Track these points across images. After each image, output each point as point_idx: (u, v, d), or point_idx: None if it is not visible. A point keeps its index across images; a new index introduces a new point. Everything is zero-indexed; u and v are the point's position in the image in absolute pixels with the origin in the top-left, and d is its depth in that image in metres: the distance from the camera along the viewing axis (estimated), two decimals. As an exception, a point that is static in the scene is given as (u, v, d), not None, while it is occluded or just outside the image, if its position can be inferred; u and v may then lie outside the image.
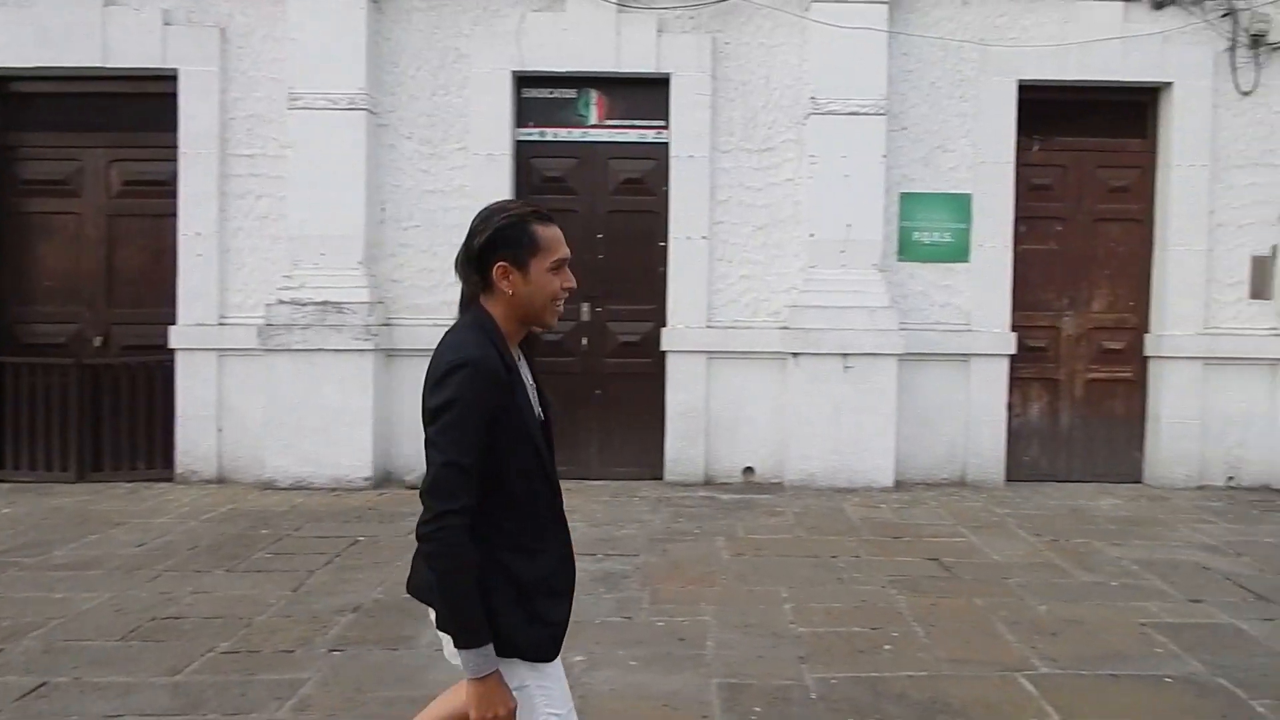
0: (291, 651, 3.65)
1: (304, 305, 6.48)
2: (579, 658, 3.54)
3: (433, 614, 1.82)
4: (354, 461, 6.53)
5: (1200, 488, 6.88)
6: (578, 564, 1.99)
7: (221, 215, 6.71)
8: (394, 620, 3.94)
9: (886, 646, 3.75)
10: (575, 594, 1.96)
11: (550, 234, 1.82)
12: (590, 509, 6.05)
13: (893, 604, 4.26)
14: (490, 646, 1.72)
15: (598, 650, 3.66)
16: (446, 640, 1.80)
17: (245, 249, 6.77)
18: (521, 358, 1.89)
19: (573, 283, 1.86)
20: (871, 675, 3.46)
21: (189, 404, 6.77)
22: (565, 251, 1.83)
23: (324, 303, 6.49)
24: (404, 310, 6.77)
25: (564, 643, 1.88)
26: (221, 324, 6.75)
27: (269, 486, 6.51)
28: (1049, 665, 3.56)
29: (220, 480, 6.78)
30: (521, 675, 1.78)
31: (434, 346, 6.14)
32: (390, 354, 6.71)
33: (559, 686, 1.84)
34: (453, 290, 6.50)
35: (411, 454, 6.76)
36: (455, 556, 1.69)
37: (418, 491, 1.80)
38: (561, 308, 1.86)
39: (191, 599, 4.23)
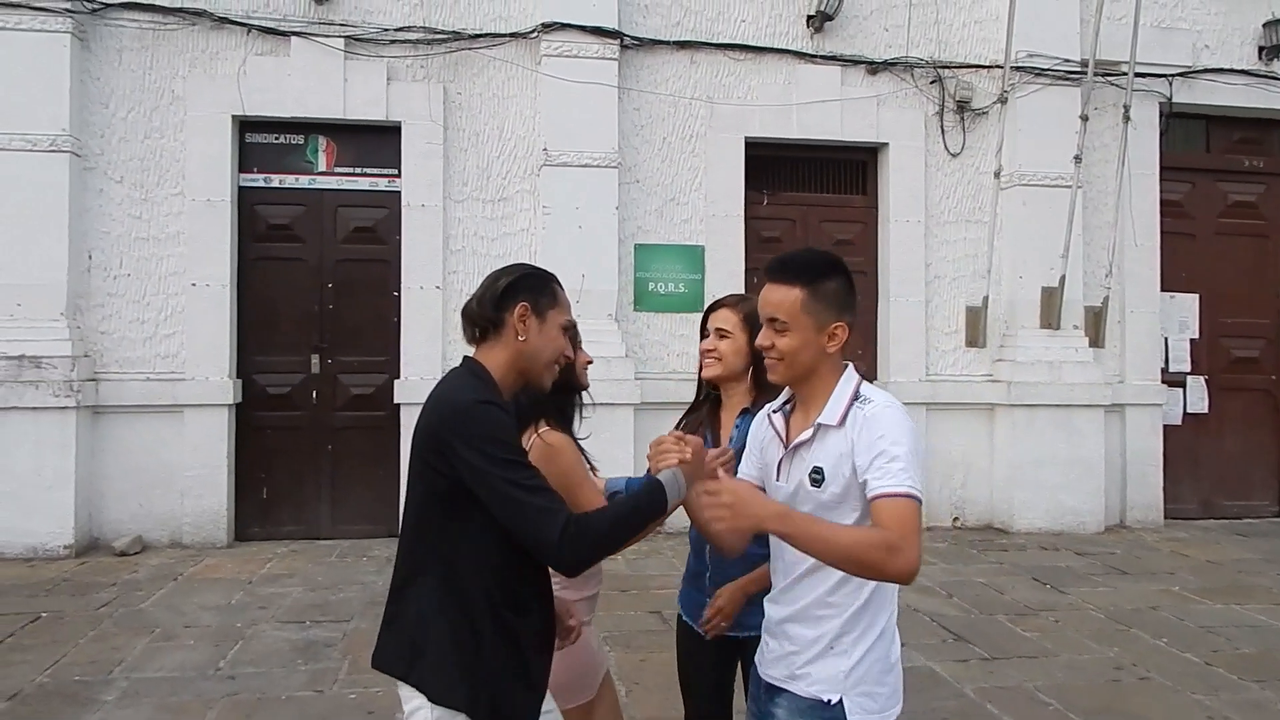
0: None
1: (-4, 360, 6.49)
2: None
3: (401, 689, 1.95)
4: (53, 528, 6.54)
5: (928, 529, 7.74)
6: (282, 634, 2.19)
7: (-97, 262, 6.64)
8: (54, 708, 3.96)
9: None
10: (275, 668, 2.12)
11: (566, 298, 2.08)
12: (311, 571, 6.30)
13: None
14: (671, 484, 1.90)
15: (275, 729, 3.84)
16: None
17: (-69, 299, 6.71)
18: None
19: (571, 353, 2.12)
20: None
21: None
22: (574, 318, 2.10)
23: (20, 357, 6.51)
24: (113, 364, 6.86)
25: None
26: (-98, 380, 6.65)
27: (-44, 558, 6.43)
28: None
29: (-98, 552, 6.63)
30: None
31: (147, 401, 6.25)
32: (97, 411, 6.78)
33: None
34: (169, 342, 6.70)
35: (122, 518, 6.84)
36: (606, 531, 1.83)
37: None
38: (557, 373, 2.09)
39: None
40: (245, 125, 7.12)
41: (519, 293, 1.98)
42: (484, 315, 1.98)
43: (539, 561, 1.90)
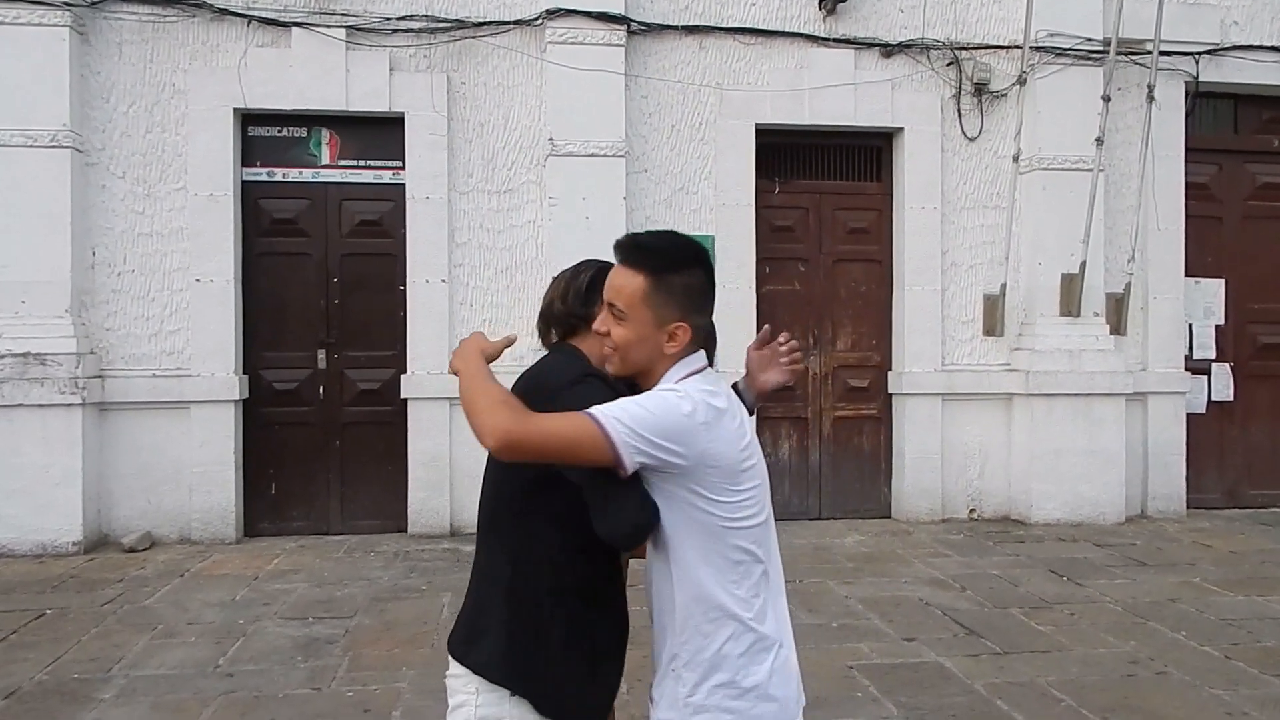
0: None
1: (1, 357, 6.57)
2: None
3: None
4: (62, 525, 6.63)
5: (944, 520, 7.72)
6: (284, 631, 2.16)
7: (-91, 261, 6.74)
8: (50, 706, 4.01)
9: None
10: (274, 666, 2.08)
11: None
12: (319, 567, 6.36)
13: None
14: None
15: (271, 728, 3.90)
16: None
17: (-63, 297, 6.80)
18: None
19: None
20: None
21: (-126, 467, 6.72)
22: None
23: (25, 354, 6.59)
24: (119, 361, 6.93)
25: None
26: (-90, 379, 6.75)
27: (-34, 555, 6.54)
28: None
29: (-86, 550, 6.75)
30: None
31: (153, 397, 6.24)
32: (104, 407, 6.85)
33: None
34: (174, 338, 6.75)
35: (131, 514, 6.92)
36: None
37: None
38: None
39: None
40: (247, 118, 7.15)
41: (599, 289, 1.91)
42: (571, 313, 1.96)
43: (615, 551, 1.88)
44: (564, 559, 1.85)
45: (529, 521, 1.87)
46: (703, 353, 1.83)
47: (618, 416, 1.65)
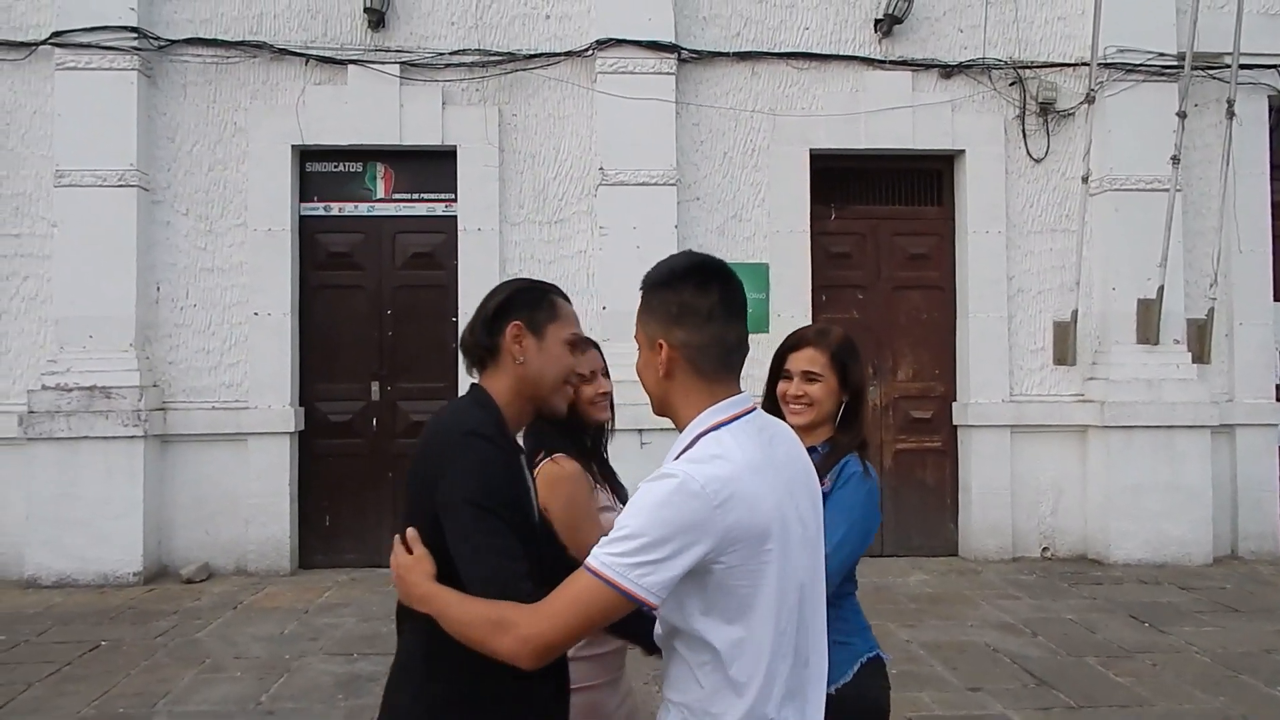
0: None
1: (69, 390, 6.76)
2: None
3: None
4: (122, 556, 6.76)
5: (1014, 559, 7.37)
6: (327, 668, 2.05)
7: (-15, 297, 7.01)
8: None
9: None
10: (315, 704, 1.99)
11: (569, 308, 1.89)
12: (367, 601, 6.36)
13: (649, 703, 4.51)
14: None
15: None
16: None
17: (11, 332, 7.05)
18: (521, 450, 1.90)
19: (587, 370, 1.98)
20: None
21: (-49, 497, 6.97)
22: (581, 331, 1.91)
23: (91, 387, 6.77)
24: (180, 393, 7.08)
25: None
26: (-16, 411, 6.99)
27: (31, 585, 6.69)
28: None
29: (-18, 579, 6.95)
30: None
31: (212, 430, 6.39)
32: (165, 439, 7.00)
33: None
34: (233, 371, 6.90)
35: (189, 545, 7.03)
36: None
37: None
38: (572, 393, 1.91)
39: None
40: (305, 154, 7.30)
41: (511, 311, 1.81)
42: (477, 343, 1.82)
43: None
44: None
45: (453, 572, 1.73)
46: (743, 398, 1.64)
47: (612, 553, 1.48)
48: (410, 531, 1.74)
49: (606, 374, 2.35)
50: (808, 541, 1.63)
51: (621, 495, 2.35)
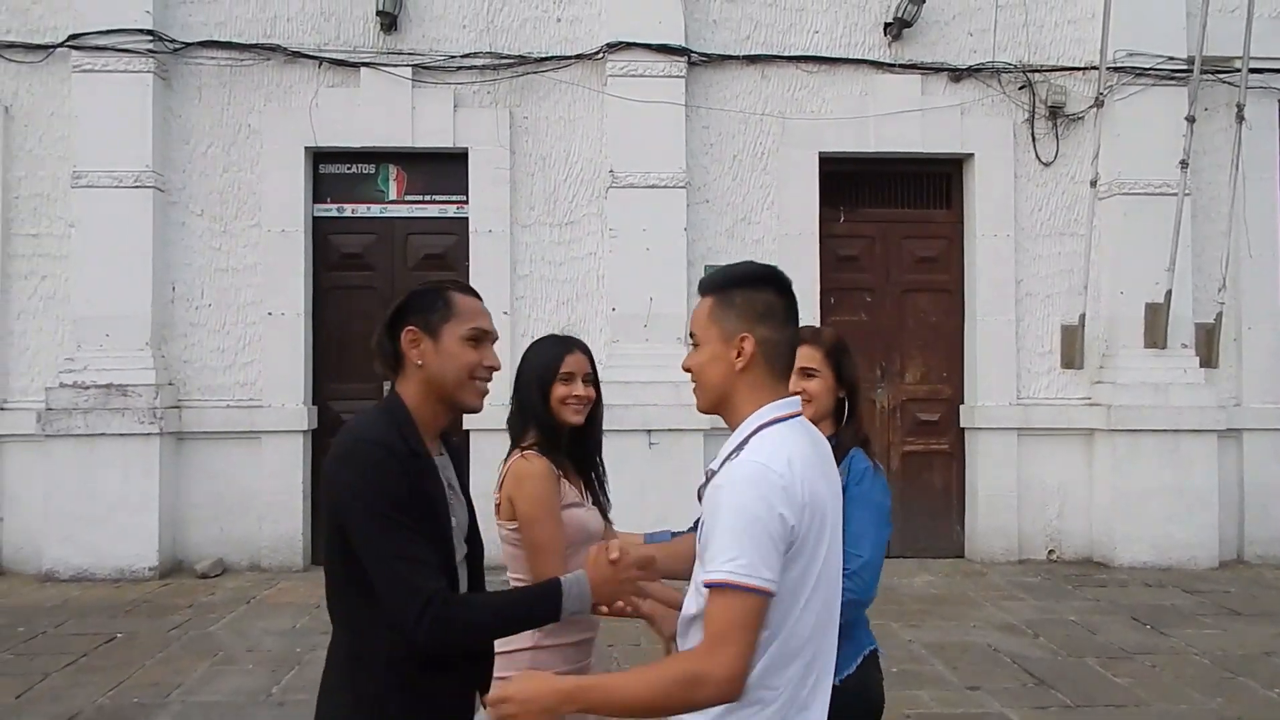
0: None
1: (86, 388, 6.94)
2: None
3: None
4: (139, 551, 6.93)
5: (1020, 561, 7.47)
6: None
7: (3, 296, 7.19)
8: None
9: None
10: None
11: (469, 303, 1.89)
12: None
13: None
14: (572, 590, 1.81)
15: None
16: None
17: (29, 331, 7.24)
18: (444, 452, 1.96)
19: (495, 361, 1.89)
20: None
21: (-32, 493, 7.17)
22: (485, 324, 1.89)
23: (108, 385, 6.95)
24: (195, 391, 7.25)
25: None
26: (3, 409, 7.18)
27: (49, 578, 6.88)
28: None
29: (1, 573, 7.14)
30: None
31: (227, 428, 6.57)
32: (180, 437, 7.17)
33: None
34: (247, 370, 7.07)
35: (204, 541, 7.20)
36: (482, 622, 1.79)
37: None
38: (485, 388, 1.90)
39: (-102, 706, 4.55)
40: (318, 156, 7.46)
41: (405, 317, 1.85)
42: (382, 352, 1.87)
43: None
44: (398, 632, 1.76)
45: (362, 595, 1.78)
46: (795, 400, 1.77)
47: (730, 560, 1.56)
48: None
49: (592, 381, 2.42)
50: (839, 540, 1.76)
51: (603, 494, 2.45)
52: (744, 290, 1.75)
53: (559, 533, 2.27)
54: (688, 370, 1.81)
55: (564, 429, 2.38)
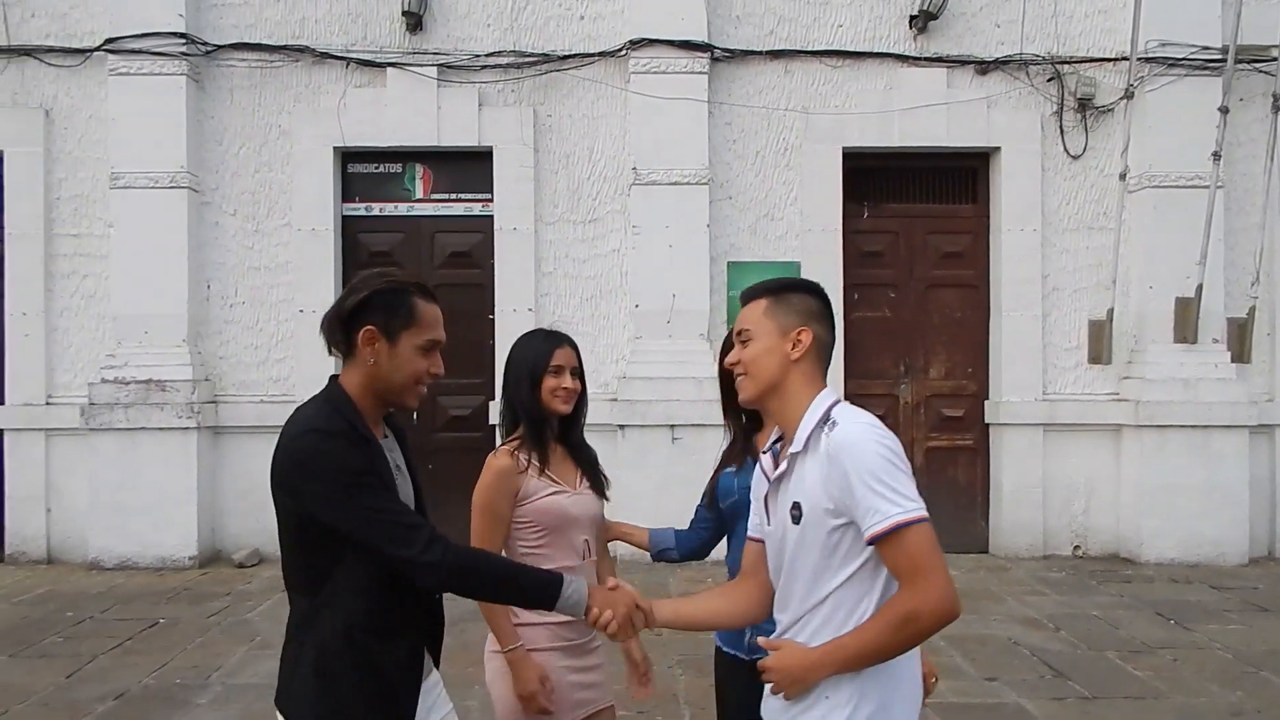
0: (35, 743, 4.25)
1: (127, 384, 7.25)
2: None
3: None
4: (179, 541, 7.25)
5: (1045, 557, 7.54)
6: None
7: (47, 295, 7.52)
8: (153, 708, 4.49)
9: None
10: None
11: (430, 312, 1.96)
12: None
13: (672, 686, 4.71)
14: (571, 597, 1.95)
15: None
16: None
17: (72, 328, 7.57)
18: (389, 435, 2.07)
19: (440, 369, 1.98)
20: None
21: (17, 485, 7.53)
22: (440, 334, 1.97)
23: (147, 381, 7.26)
24: (230, 387, 7.54)
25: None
26: (49, 404, 7.52)
27: (95, 567, 7.23)
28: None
29: (49, 561, 7.51)
30: None
31: (260, 422, 6.86)
32: (216, 431, 7.47)
33: None
34: (279, 366, 7.38)
35: (240, 532, 7.50)
36: (478, 569, 1.93)
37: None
38: (425, 391, 2.01)
39: (-43, 685, 4.84)
40: (346, 156, 7.69)
41: (367, 313, 1.90)
42: (333, 338, 1.94)
43: (409, 586, 1.90)
44: (350, 599, 1.88)
45: (315, 569, 1.89)
46: (833, 393, 1.96)
47: (907, 495, 1.75)
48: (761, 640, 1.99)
49: (578, 374, 2.61)
50: None
51: (597, 484, 2.65)
52: (799, 293, 2.00)
53: (489, 527, 2.52)
54: (734, 366, 2.01)
55: (552, 419, 2.59)
